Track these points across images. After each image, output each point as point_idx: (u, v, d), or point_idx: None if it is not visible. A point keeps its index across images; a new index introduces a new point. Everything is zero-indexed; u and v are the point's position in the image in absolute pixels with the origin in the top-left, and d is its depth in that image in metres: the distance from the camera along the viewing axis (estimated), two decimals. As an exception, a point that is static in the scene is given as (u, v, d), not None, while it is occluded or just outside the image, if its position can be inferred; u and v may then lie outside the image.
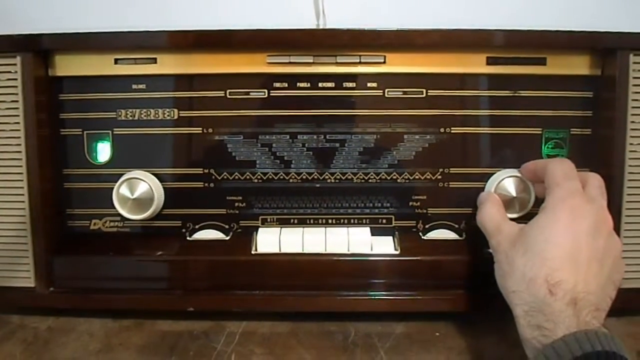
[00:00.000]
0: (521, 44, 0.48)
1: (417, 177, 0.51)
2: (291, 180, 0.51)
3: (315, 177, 0.51)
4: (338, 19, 0.68)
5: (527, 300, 0.39)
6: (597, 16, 0.63)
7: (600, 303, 0.38)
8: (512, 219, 0.48)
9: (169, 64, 0.49)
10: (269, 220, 0.51)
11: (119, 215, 0.49)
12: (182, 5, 0.69)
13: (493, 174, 0.50)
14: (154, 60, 0.49)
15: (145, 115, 0.50)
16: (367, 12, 0.69)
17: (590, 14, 0.63)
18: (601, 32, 0.47)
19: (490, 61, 0.49)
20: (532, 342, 0.37)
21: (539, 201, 0.48)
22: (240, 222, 0.51)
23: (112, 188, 0.49)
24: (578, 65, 0.49)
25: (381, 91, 0.49)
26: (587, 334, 0.34)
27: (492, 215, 0.46)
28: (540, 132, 0.50)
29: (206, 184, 0.51)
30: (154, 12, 0.68)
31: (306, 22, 0.68)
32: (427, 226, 0.51)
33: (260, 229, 0.51)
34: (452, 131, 0.50)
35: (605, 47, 0.48)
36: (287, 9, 0.70)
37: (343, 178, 0.51)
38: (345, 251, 0.49)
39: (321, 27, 0.68)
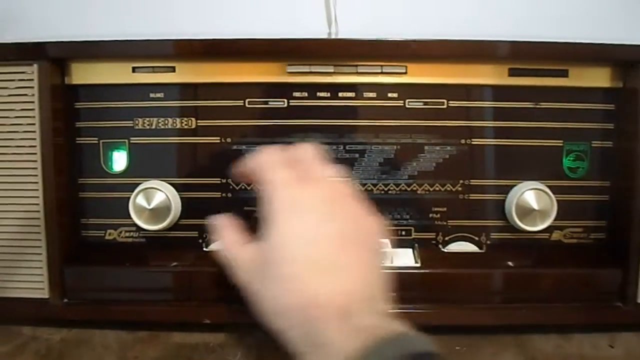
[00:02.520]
0: (544, 55, 0.48)
1: (437, 188, 0.50)
2: (310, 191, 0.50)
3: (335, 188, 0.50)
4: (349, 27, 0.68)
5: (296, 336, 0.32)
6: (619, 29, 0.63)
7: (373, 284, 0.33)
8: (533, 232, 0.48)
9: (187, 73, 0.49)
10: (287, 232, 0.50)
11: (135, 225, 0.49)
12: (190, 13, 0.68)
13: (514, 186, 0.49)
14: (173, 69, 0.48)
15: (162, 124, 0.50)
16: (377, 20, 0.69)
17: (613, 27, 0.63)
18: (623, 45, 0.47)
19: (513, 72, 0.48)
20: None
21: (563, 213, 0.48)
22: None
23: (128, 198, 0.48)
24: (600, 78, 0.49)
25: (402, 101, 0.49)
26: (373, 350, 0.28)
27: (227, 246, 0.38)
28: (561, 144, 0.50)
29: (223, 194, 0.50)
30: (155, 21, 0.68)
31: (317, 30, 0.68)
32: (447, 238, 0.51)
33: (278, 241, 0.50)
34: (473, 142, 0.50)
35: (627, 59, 0.48)
36: (298, 16, 0.69)
37: (362, 189, 0.50)
38: (365, 264, 0.48)
39: (333, 35, 0.67)
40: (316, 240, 0.33)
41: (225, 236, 0.39)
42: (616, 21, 0.65)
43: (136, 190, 0.48)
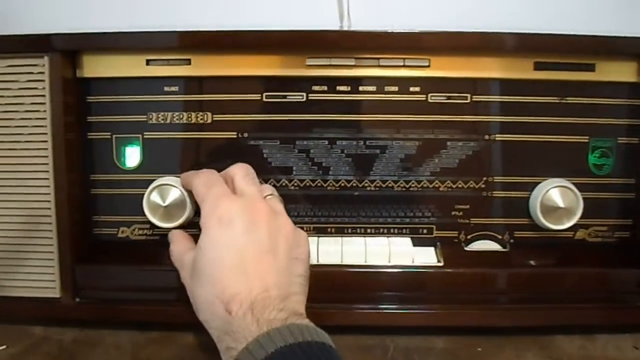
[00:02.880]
0: (570, 49, 0.47)
1: (459, 185, 0.49)
2: (329, 188, 0.49)
3: (354, 184, 0.49)
4: (362, 22, 0.66)
5: (214, 327, 0.37)
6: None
7: (288, 288, 0.37)
8: (558, 230, 0.47)
9: (203, 66, 0.47)
10: (305, 229, 0.48)
11: (149, 222, 0.47)
12: (196, 4, 0.67)
13: (538, 183, 0.48)
14: (188, 62, 0.47)
15: (177, 119, 0.48)
16: (390, 13, 0.68)
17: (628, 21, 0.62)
18: (652, 38, 0.46)
19: (538, 66, 0.47)
20: None
21: (587, 211, 0.47)
22: (275, 230, 0.49)
23: (141, 194, 0.47)
24: (627, 72, 0.47)
25: (424, 96, 0.48)
26: (270, 334, 0.33)
27: (174, 253, 0.43)
28: (587, 140, 0.49)
29: (240, 191, 0.49)
30: (168, 13, 0.66)
31: (329, 24, 0.66)
32: (469, 237, 0.49)
33: (296, 238, 0.49)
34: (497, 138, 0.48)
35: (656, 53, 0.46)
36: (309, 10, 0.68)
37: (383, 186, 0.49)
38: (386, 263, 0.47)
39: (345, 29, 0.66)
40: (240, 247, 0.38)
41: (176, 243, 0.44)
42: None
43: (150, 187, 0.47)
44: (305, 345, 0.32)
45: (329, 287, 0.46)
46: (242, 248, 0.37)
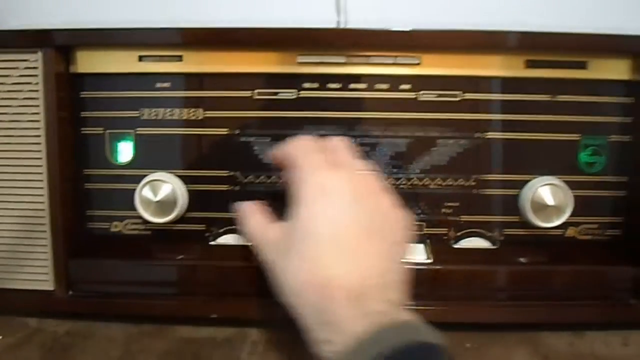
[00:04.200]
0: (562, 46, 0.46)
1: (449, 183, 0.49)
2: (319, 185, 0.49)
3: (345, 181, 0.49)
4: (359, 15, 0.66)
5: (306, 313, 0.32)
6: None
7: (390, 276, 0.33)
8: (549, 228, 0.47)
9: (195, 62, 0.47)
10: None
11: (141, 217, 0.48)
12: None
13: (528, 181, 0.48)
14: (180, 58, 0.47)
15: (169, 115, 0.49)
16: (388, 8, 0.67)
17: (631, 17, 0.61)
18: (644, 36, 0.46)
19: (530, 64, 0.47)
20: None
21: (578, 209, 0.47)
22: (266, 226, 0.50)
23: (134, 189, 0.47)
24: (619, 70, 0.47)
25: (415, 93, 0.48)
26: (380, 333, 0.29)
27: (254, 226, 0.39)
28: (578, 138, 0.48)
29: (231, 187, 0.49)
30: (161, 8, 0.66)
31: (326, 19, 0.66)
32: (459, 234, 0.49)
33: (286, 234, 0.49)
34: (487, 136, 0.48)
35: (648, 51, 0.46)
36: (305, 3, 0.67)
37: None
38: (375, 259, 0.47)
39: (342, 24, 0.66)
40: (341, 225, 0.33)
41: (251, 217, 0.40)
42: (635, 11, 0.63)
43: (142, 182, 0.47)
44: (415, 347, 0.29)
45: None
46: (344, 225, 0.33)
